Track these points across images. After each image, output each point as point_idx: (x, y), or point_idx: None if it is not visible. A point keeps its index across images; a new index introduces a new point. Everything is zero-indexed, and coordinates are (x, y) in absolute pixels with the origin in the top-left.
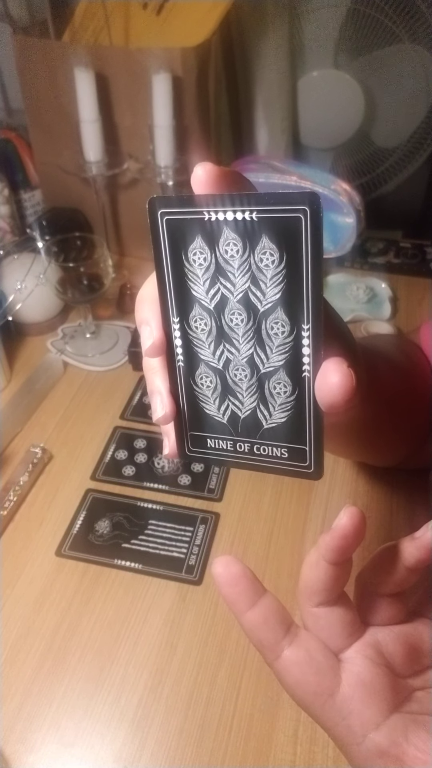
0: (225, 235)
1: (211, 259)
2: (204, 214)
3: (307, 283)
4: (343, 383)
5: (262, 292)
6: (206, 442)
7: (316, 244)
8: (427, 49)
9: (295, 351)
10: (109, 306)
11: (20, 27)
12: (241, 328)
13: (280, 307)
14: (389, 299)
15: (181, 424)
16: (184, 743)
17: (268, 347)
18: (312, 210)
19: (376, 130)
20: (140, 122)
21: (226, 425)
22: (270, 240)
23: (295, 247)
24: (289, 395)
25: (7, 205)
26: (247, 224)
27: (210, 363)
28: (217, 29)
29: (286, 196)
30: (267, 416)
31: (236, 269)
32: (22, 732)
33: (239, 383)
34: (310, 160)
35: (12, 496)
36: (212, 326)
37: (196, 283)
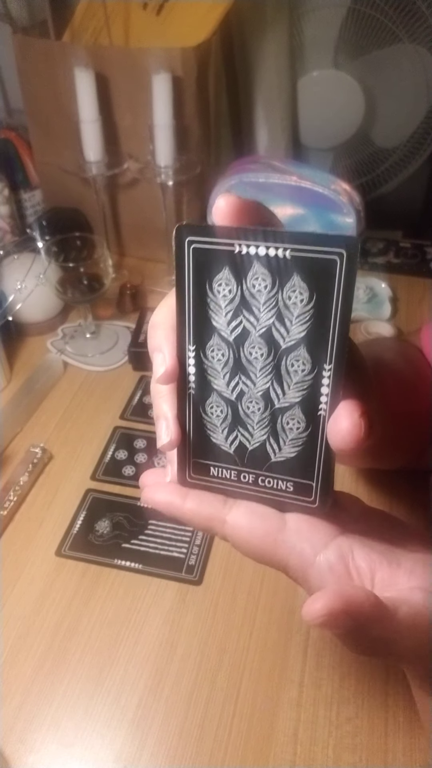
0: (254, 269)
1: (236, 292)
2: (235, 246)
3: (335, 324)
4: (352, 432)
5: (286, 329)
6: (209, 470)
7: (348, 288)
8: (427, 49)
9: (314, 389)
10: (109, 306)
11: (20, 27)
12: (260, 362)
13: (304, 345)
14: (389, 299)
15: (185, 450)
16: (184, 743)
17: (285, 383)
18: (349, 254)
19: (376, 130)
20: (140, 122)
21: (232, 455)
22: (301, 279)
23: (326, 289)
24: (302, 431)
25: (7, 205)
26: (279, 261)
27: (223, 393)
28: (217, 29)
29: (325, 238)
30: (276, 450)
31: (262, 304)
32: (22, 732)
33: (251, 415)
34: (310, 160)
35: (12, 496)
36: (230, 357)
37: (218, 313)
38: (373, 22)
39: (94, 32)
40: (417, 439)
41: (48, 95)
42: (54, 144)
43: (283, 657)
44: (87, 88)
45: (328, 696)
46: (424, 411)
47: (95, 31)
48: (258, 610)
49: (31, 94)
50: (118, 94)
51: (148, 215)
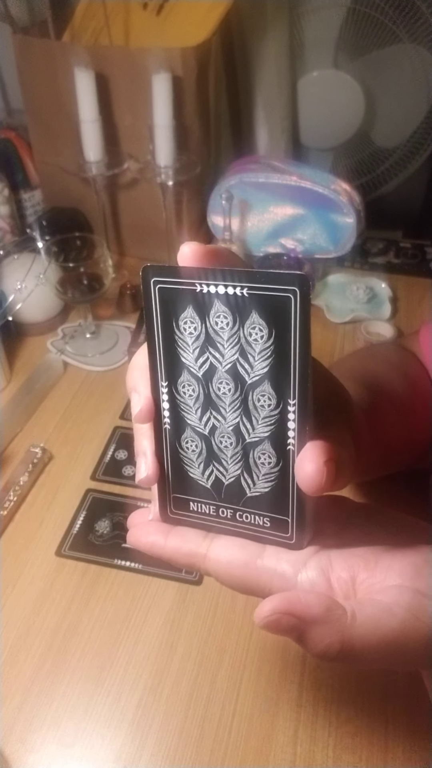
0: (216, 308)
1: (201, 329)
2: (196, 285)
3: (295, 360)
4: (316, 477)
5: (249, 364)
6: (189, 505)
7: (304, 323)
8: (427, 49)
9: (281, 424)
10: (109, 306)
11: (20, 27)
12: (228, 397)
13: (267, 380)
14: (389, 299)
15: (165, 485)
16: (184, 743)
17: (254, 418)
18: (302, 291)
19: (376, 130)
20: (140, 122)
21: (210, 490)
22: (259, 316)
23: (283, 325)
24: (273, 466)
25: (7, 205)
26: (237, 299)
27: (196, 428)
28: (217, 29)
29: (277, 276)
30: (251, 485)
31: (225, 341)
32: (22, 732)
33: (224, 450)
34: (310, 160)
35: (12, 496)
36: (200, 393)
37: (186, 350)
38: (373, 22)
39: (94, 32)
40: (414, 451)
41: (48, 95)
42: (54, 144)
43: (283, 657)
44: (87, 88)
45: (328, 696)
46: (421, 426)
47: (95, 31)
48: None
49: (31, 94)
50: (118, 94)
51: (148, 215)
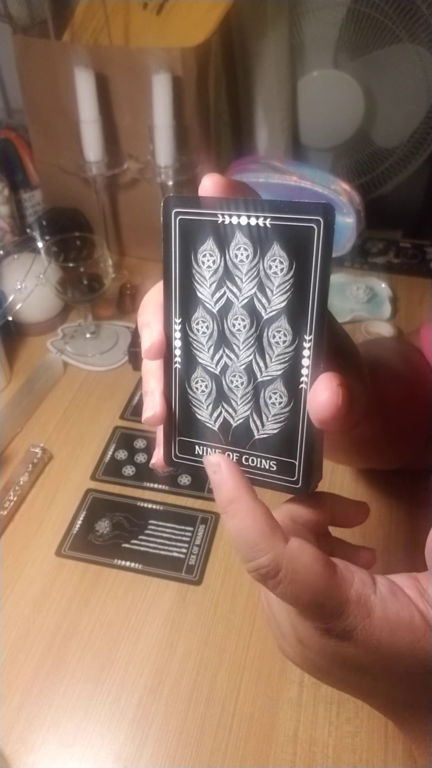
0: (237, 239)
1: (220, 262)
2: (218, 216)
3: (314, 294)
4: (331, 400)
5: (267, 299)
6: (194, 448)
7: (326, 256)
8: (427, 49)
9: (295, 362)
10: (109, 306)
11: (20, 27)
12: (243, 334)
13: (284, 315)
14: (389, 299)
15: (171, 428)
16: (184, 743)
17: (267, 355)
18: (326, 221)
19: (376, 130)
20: (140, 122)
21: (217, 433)
22: (281, 247)
23: (305, 257)
24: (284, 406)
25: (7, 205)
26: (260, 230)
27: (207, 367)
28: (217, 29)
29: (302, 206)
30: (259, 426)
31: (244, 274)
32: (22, 732)
33: (235, 390)
34: (310, 160)
35: (12, 496)
36: (214, 329)
37: (203, 285)
38: (373, 22)
39: (94, 32)
40: (415, 438)
41: (48, 95)
42: (54, 144)
43: (282, 657)
44: (87, 88)
45: (328, 696)
46: (421, 410)
47: (95, 31)
48: (258, 610)
49: (31, 94)
50: (118, 94)
51: (148, 215)
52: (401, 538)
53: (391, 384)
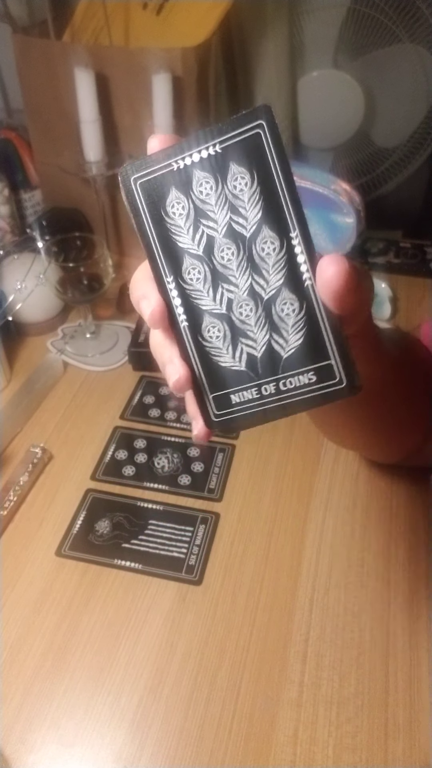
0: (196, 177)
1: (189, 205)
2: (172, 164)
3: (283, 190)
4: (339, 271)
5: (243, 217)
6: (230, 399)
7: (280, 151)
8: (427, 49)
9: (291, 263)
10: (109, 306)
11: (20, 27)
12: (234, 261)
13: (265, 224)
14: (389, 299)
15: (201, 390)
16: (184, 743)
17: (264, 270)
18: (268, 121)
19: (376, 130)
20: (140, 122)
21: (246, 372)
22: (238, 164)
23: (262, 162)
24: (299, 312)
25: (7, 205)
26: (212, 159)
27: (213, 311)
28: (217, 29)
29: (242, 118)
30: (283, 344)
31: (214, 205)
32: (22, 732)
33: (247, 320)
34: (310, 160)
35: (12, 496)
36: (206, 271)
37: (180, 234)
38: (373, 22)
39: (94, 32)
40: (419, 419)
41: (48, 95)
42: (54, 144)
43: (282, 657)
44: (87, 88)
45: (328, 696)
46: (421, 393)
47: (95, 31)
48: (258, 610)
49: (31, 94)
50: (118, 94)
51: None
52: (401, 537)
53: (392, 348)
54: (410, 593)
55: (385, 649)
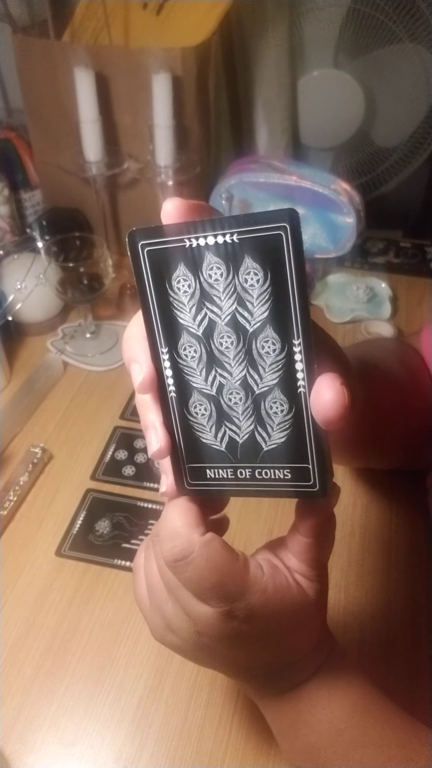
0: (207, 260)
1: (195, 286)
2: (185, 241)
3: (294, 297)
4: (336, 400)
5: (249, 312)
6: (205, 473)
7: (298, 259)
8: (427, 49)
9: (288, 367)
10: (109, 306)
11: (20, 27)
12: (232, 350)
13: (269, 324)
14: (389, 299)
15: (178, 457)
16: (184, 743)
17: (260, 367)
18: (292, 226)
19: (376, 129)
20: (140, 122)
21: (225, 453)
22: (253, 259)
23: (278, 264)
24: (287, 413)
25: (7, 205)
26: (228, 247)
27: (203, 390)
28: (217, 29)
29: (266, 215)
30: (266, 438)
31: (221, 292)
32: (22, 732)
33: (234, 407)
34: (310, 160)
35: (12, 496)
36: (202, 352)
37: (182, 310)
38: (373, 22)
39: (94, 32)
40: (410, 437)
41: (48, 95)
42: (54, 144)
43: None
44: (87, 88)
45: None
46: (416, 414)
47: (95, 31)
48: None
49: (31, 94)
50: (118, 94)
51: (147, 215)
52: (401, 538)
53: (383, 386)
54: (410, 593)
55: (385, 649)
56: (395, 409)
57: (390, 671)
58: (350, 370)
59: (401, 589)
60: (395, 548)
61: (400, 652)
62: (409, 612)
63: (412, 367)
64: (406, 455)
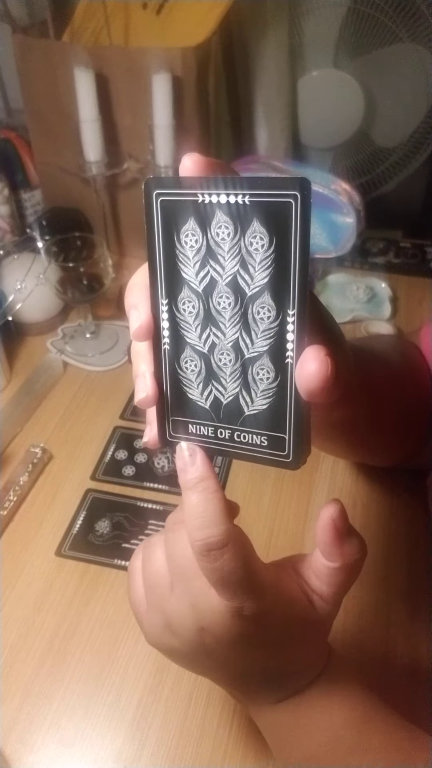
0: (217, 218)
1: (202, 242)
2: (198, 195)
3: (295, 268)
4: (319, 370)
5: (250, 275)
6: (188, 427)
7: (304, 230)
8: (427, 49)
9: (280, 337)
10: (109, 306)
11: (20, 27)
12: (228, 311)
13: (267, 291)
14: (389, 299)
15: (164, 408)
16: (184, 743)
17: (253, 332)
18: (303, 195)
19: (376, 129)
20: (140, 122)
21: (209, 411)
22: (261, 224)
23: (284, 232)
24: (272, 382)
25: (7, 205)
26: (239, 207)
27: (196, 347)
28: (217, 29)
29: (279, 181)
30: (249, 402)
31: (226, 252)
32: (22, 732)
33: (223, 368)
34: (310, 160)
35: (12, 496)
36: (200, 309)
37: (187, 265)
38: (373, 22)
39: (94, 32)
40: (412, 433)
41: (48, 95)
42: (54, 144)
43: None
44: (87, 88)
45: None
46: (418, 406)
47: (95, 31)
48: None
49: (31, 94)
50: (118, 94)
51: None
52: (401, 537)
53: (377, 370)
54: (410, 593)
55: (385, 650)
56: (393, 394)
57: (390, 671)
58: (343, 347)
59: (401, 589)
60: (395, 548)
61: (400, 652)
62: (409, 612)
63: (410, 358)
64: (404, 448)
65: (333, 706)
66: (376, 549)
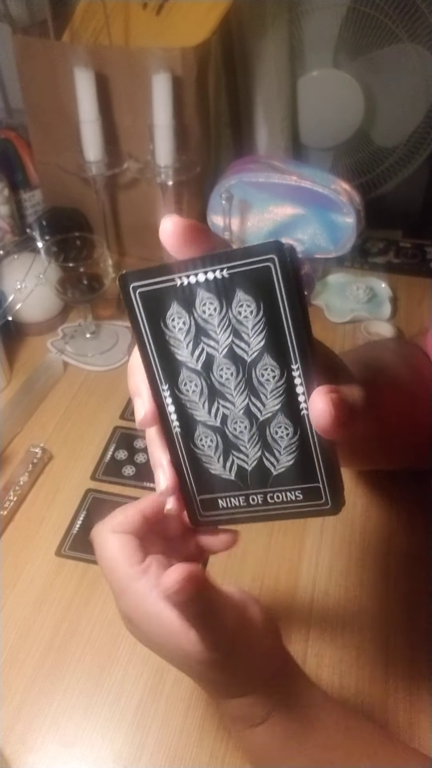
0: (200, 296)
1: (190, 322)
2: (176, 279)
3: (288, 325)
4: (330, 409)
5: (246, 342)
6: (217, 503)
7: (289, 288)
8: (427, 49)
9: (289, 391)
10: (109, 306)
11: (20, 27)
12: (232, 381)
13: (267, 353)
14: (389, 299)
15: (189, 490)
16: (184, 743)
17: (262, 394)
18: (280, 257)
19: (376, 129)
20: (140, 122)
21: (235, 481)
22: (245, 292)
23: (270, 295)
24: (292, 436)
25: (7, 205)
26: (219, 282)
27: (207, 423)
28: (217, 29)
29: (253, 249)
30: (275, 462)
31: (217, 326)
32: (22, 732)
33: (240, 436)
34: (310, 159)
35: (12, 496)
36: (203, 386)
37: (179, 347)
38: (373, 22)
39: (94, 32)
40: (414, 440)
41: (48, 95)
42: (54, 144)
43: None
44: (87, 88)
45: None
46: (421, 414)
47: (95, 31)
48: None
49: (31, 94)
50: (118, 94)
51: (148, 215)
52: (401, 538)
53: (387, 388)
54: (410, 593)
55: (385, 649)
56: (403, 413)
57: (389, 671)
58: (348, 377)
59: (401, 589)
60: (395, 548)
61: (400, 652)
62: (408, 612)
63: (420, 370)
64: (413, 458)
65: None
66: (376, 549)
